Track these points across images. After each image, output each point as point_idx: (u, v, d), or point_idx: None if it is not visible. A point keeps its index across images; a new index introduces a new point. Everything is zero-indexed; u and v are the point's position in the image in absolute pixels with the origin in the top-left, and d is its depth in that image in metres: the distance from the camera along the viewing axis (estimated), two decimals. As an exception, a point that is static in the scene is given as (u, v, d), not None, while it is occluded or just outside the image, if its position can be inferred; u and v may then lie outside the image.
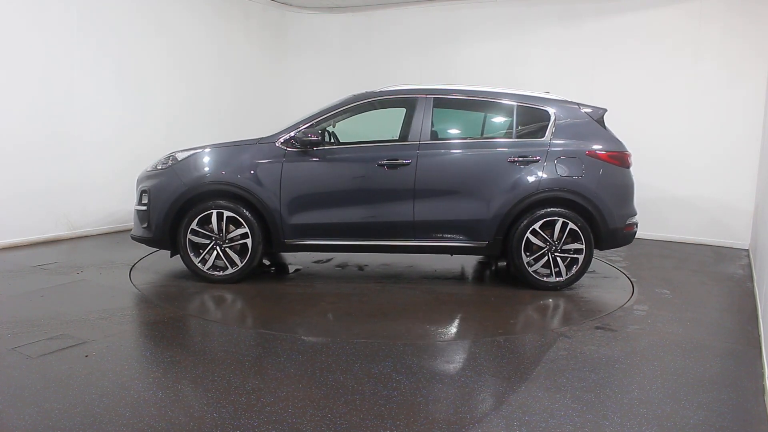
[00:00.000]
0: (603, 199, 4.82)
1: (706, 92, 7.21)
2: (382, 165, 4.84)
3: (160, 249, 5.16)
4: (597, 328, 4.05)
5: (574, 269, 4.88)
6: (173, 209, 4.83)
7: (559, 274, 4.88)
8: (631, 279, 5.46)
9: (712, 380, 3.23)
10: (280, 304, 4.49)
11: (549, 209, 4.82)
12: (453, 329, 4.05)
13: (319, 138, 4.86)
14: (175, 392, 2.88)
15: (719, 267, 6.17)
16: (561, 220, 4.81)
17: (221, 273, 4.91)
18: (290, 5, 9.45)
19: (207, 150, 5.03)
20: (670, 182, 7.40)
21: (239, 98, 8.79)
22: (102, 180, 6.84)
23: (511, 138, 5.06)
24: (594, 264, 5.88)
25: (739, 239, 7.15)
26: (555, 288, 4.91)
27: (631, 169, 5.00)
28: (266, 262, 5.72)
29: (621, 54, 7.59)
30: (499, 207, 4.81)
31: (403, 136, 5.03)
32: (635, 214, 5.05)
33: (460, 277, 5.38)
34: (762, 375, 3.29)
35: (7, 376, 2.98)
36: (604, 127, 5.04)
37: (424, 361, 3.37)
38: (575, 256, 4.85)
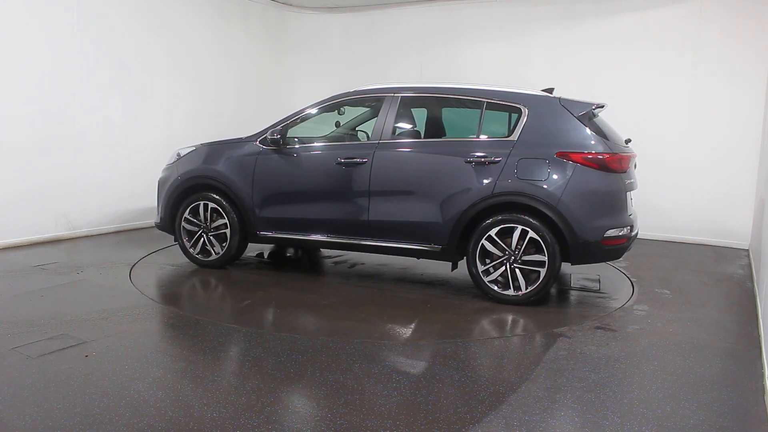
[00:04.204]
0: (570, 207, 4.29)
1: (705, 92, 7.20)
2: (341, 164, 4.87)
3: (166, 233, 5.60)
4: (597, 328, 4.05)
5: (536, 284, 4.39)
6: (171, 199, 5.39)
7: (518, 287, 4.44)
8: (631, 279, 5.45)
9: (712, 380, 3.23)
10: (225, 289, 4.88)
11: (505, 215, 4.43)
12: (341, 328, 3.95)
13: (282, 137, 5.05)
14: (175, 392, 2.88)
15: (719, 267, 6.17)
16: (520, 227, 4.37)
17: (206, 258, 5.36)
18: (290, 5, 9.44)
19: (201, 147, 5.48)
20: (670, 182, 7.39)
21: (240, 98, 8.78)
22: (102, 180, 6.83)
23: (474, 137, 4.72)
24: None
25: (739, 239, 7.15)
26: (513, 302, 4.45)
27: (621, 174, 4.46)
28: (290, 255, 6.20)
29: (621, 54, 7.58)
30: (452, 210, 4.54)
31: (370, 135, 5.01)
32: (622, 226, 4.44)
33: (441, 283, 5.13)
34: (762, 375, 3.30)
35: (7, 376, 2.98)
36: (587, 125, 4.48)
37: (424, 361, 3.37)
38: (537, 268, 4.39)
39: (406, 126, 5.13)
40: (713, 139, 7.21)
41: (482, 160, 4.52)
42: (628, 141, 4.88)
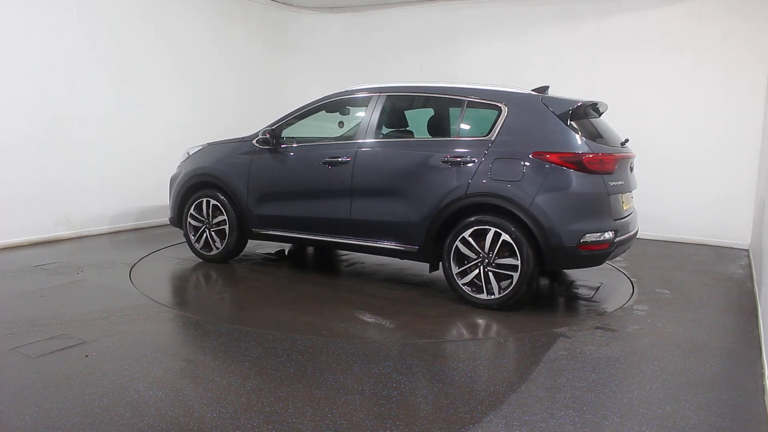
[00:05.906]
0: (543, 209, 4.10)
1: (705, 93, 7.20)
2: (326, 163, 4.93)
3: (178, 228, 5.82)
4: (597, 328, 4.05)
5: (508, 289, 4.22)
6: (179, 196, 5.65)
7: (490, 291, 4.30)
8: (631, 279, 5.45)
9: (712, 380, 3.23)
10: (221, 287, 5.00)
11: (478, 217, 4.31)
12: (298, 323, 3.98)
13: (274, 137, 5.18)
14: (175, 392, 2.88)
15: (719, 267, 6.16)
16: (493, 229, 4.24)
17: (208, 253, 5.55)
18: (290, 5, 9.44)
19: (207, 146, 5.72)
20: (669, 182, 7.39)
21: (240, 98, 8.78)
22: (102, 180, 6.83)
23: (452, 136, 4.69)
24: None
25: (739, 239, 7.15)
26: (485, 306, 4.31)
27: (603, 175, 4.21)
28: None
29: (621, 54, 7.58)
30: (427, 211, 4.48)
31: (355, 134, 5.01)
32: (602, 231, 4.19)
33: (427, 284, 5.06)
34: (762, 375, 3.30)
35: (7, 376, 2.98)
36: (570, 123, 4.26)
37: (425, 361, 3.37)
38: (510, 272, 4.22)
39: (389, 125, 5.14)
40: (713, 139, 7.21)
41: (458, 159, 4.43)
42: (625, 141, 4.81)
